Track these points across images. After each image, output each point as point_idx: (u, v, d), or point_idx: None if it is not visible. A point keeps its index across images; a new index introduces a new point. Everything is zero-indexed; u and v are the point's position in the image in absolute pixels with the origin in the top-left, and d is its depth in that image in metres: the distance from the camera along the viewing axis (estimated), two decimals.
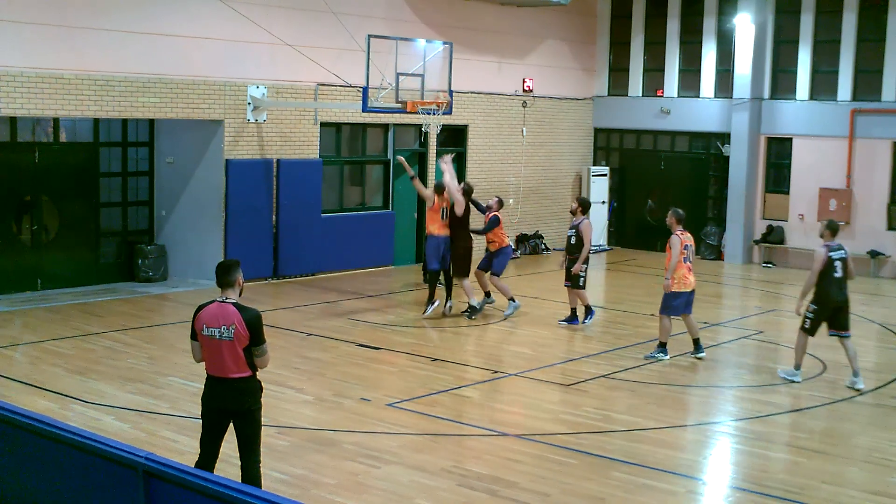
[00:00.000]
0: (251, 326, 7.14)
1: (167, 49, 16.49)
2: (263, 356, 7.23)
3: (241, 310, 7.19)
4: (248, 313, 7.18)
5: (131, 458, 5.50)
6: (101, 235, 17.84)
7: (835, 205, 21.81)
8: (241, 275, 7.34)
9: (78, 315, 15.06)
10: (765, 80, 22.91)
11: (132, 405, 10.57)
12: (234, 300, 7.25)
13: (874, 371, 13.23)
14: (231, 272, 7.29)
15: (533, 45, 23.39)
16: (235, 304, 7.22)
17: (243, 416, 7.27)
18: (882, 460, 9.68)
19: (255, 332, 7.15)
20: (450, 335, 15.19)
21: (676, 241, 13.06)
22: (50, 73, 15.15)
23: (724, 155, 23.46)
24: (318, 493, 8.27)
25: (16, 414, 6.36)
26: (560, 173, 24.55)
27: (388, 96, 16.28)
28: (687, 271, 13.11)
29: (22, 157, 16.58)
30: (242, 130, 17.70)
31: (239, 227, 17.65)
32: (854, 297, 18.78)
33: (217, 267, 7.39)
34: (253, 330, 7.14)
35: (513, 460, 9.22)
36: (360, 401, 10.99)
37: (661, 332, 13.34)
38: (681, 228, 13.25)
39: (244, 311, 7.19)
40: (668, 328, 13.28)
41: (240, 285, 7.33)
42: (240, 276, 7.33)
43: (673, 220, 13.31)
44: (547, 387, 11.87)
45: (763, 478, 9.04)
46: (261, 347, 7.18)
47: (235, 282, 7.29)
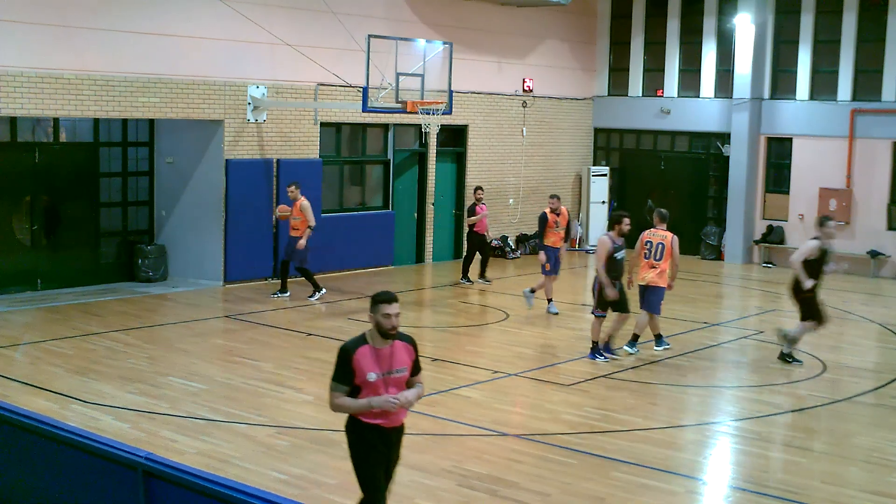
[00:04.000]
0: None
1: (167, 49, 16.49)
2: (329, 393, 6.48)
3: None
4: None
5: (131, 458, 5.50)
6: (101, 235, 17.84)
7: (835, 205, 21.81)
8: (372, 310, 6.54)
9: (78, 315, 15.06)
10: (765, 80, 22.91)
11: (132, 405, 10.57)
12: (367, 332, 6.58)
13: (874, 371, 13.23)
14: (370, 304, 6.59)
15: (533, 45, 23.39)
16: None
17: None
18: (882, 460, 9.68)
19: (334, 364, 6.48)
20: (450, 335, 15.19)
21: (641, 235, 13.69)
22: (50, 73, 15.15)
23: (724, 155, 23.46)
24: (318, 493, 8.27)
25: (16, 414, 6.36)
26: (560, 173, 24.55)
27: (388, 96, 16.29)
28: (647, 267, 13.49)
29: (22, 157, 16.58)
30: (242, 130, 17.70)
31: (239, 227, 17.65)
32: (854, 296, 18.93)
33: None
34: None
35: (513, 460, 9.22)
36: None
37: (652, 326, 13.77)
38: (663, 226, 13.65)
39: None
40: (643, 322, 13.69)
41: (370, 321, 6.55)
42: (371, 311, 6.55)
43: (656, 217, 13.78)
44: (547, 387, 11.87)
45: (763, 478, 9.04)
46: (330, 382, 6.48)
47: (369, 316, 6.56)
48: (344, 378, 6.35)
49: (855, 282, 20.67)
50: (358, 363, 6.34)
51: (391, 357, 6.45)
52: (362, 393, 6.36)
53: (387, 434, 6.51)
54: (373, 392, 6.35)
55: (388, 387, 6.39)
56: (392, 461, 6.69)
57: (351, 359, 6.35)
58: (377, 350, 6.42)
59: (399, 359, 6.49)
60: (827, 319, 13.19)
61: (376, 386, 6.36)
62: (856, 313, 17.29)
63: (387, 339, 6.46)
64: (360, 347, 6.40)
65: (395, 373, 6.44)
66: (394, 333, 6.47)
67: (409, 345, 6.62)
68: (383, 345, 6.45)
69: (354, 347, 6.39)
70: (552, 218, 16.28)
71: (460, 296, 18.06)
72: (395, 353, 6.47)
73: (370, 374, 6.35)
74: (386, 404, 6.34)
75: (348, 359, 6.35)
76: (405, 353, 6.56)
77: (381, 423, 6.46)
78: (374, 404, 6.34)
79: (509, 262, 22.23)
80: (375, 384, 6.36)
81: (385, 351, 6.44)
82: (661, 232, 13.53)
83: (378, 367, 6.38)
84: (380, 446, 6.50)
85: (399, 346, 6.54)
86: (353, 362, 6.33)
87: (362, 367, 6.34)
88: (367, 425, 6.44)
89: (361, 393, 6.36)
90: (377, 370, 6.37)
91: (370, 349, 6.41)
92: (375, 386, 6.36)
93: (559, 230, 16.32)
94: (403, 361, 6.51)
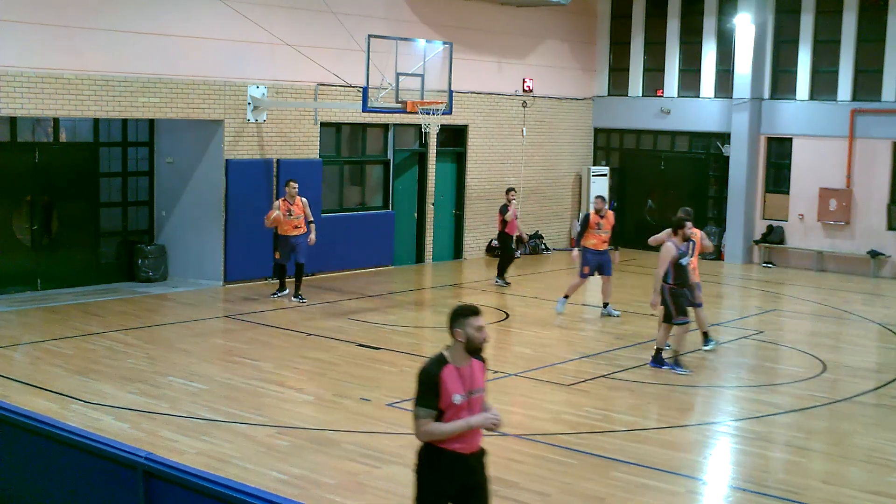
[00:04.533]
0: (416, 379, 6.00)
1: (167, 49, 16.49)
2: (415, 420, 5.92)
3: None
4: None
5: (131, 458, 5.50)
6: (101, 235, 17.84)
7: (835, 205, 21.82)
8: (458, 325, 5.94)
9: (78, 315, 15.06)
10: (765, 80, 22.91)
11: (132, 405, 10.57)
12: (446, 351, 6.05)
13: (874, 371, 13.23)
14: (449, 320, 6.01)
15: (533, 45, 23.39)
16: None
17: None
18: (882, 460, 9.68)
19: (415, 386, 5.98)
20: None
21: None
22: (50, 73, 15.15)
23: (724, 155, 23.46)
24: (318, 493, 8.27)
25: (16, 414, 6.36)
26: (560, 173, 24.55)
27: (388, 96, 16.28)
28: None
29: (22, 157, 16.57)
30: (242, 130, 17.70)
31: (239, 227, 17.65)
32: (854, 296, 18.93)
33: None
34: (415, 383, 5.99)
35: (513, 460, 9.22)
36: (360, 401, 10.99)
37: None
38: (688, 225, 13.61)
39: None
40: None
41: (457, 337, 5.96)
42: (456, 327, 5.95)
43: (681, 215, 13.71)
44: (547, 387, 11.87)
45: (763, 478, 9.04)
46: (413, 408, 5.94)
47: (452, 333, 5.98)
48: (431, 402, 5.84)
49: (855, 282, 20.68)
50: (444, 385, 5.85)
51: (471, 376, 5.99)
52: (445, 417, 5.87)
53: (465, 459, 6.02)
54: (455, 415, 5.88)
55: (469, 409, 5.94)
56: (479, 486, 6.17)
57: (438, 380, 5.84)
58: (459, 369, 5.94)
59: (478, 378, 6.05)
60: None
61: (460, 409, 5.90)
62: (856, 313, 17.29)
63: (468, 358, 5.97)
64: (444, 367, 5.89)
65: (476, 393, 6.01)
66: (483, 349, 5.99)
67: (483, 362, 6.16)
68: (464, 363, 5.96)
69: (439, 368, 5.88)
70: (594, 219, 15.94)
71: (460, 296, 18.06)
72: (474, 371, 6.03)
73: (455, 395, 5.88)
74: (486, 422, 5.94)
75: (435, 381, 5.85)
76: (481, 371, 6.11)
77: (460, 449, 5.98)
78: (473, 424, 5.91)
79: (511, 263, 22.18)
80: (460, 406, 5.90)
81: (466, 370, 5.97)
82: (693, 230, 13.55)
83: (462, 387, 5.92)
84: (457, 475, 6.02)
85: (476, 364, 6.06)
86: (439, 384, 5.84)
87: (448, 388, 5.86)
88: (448, 452, 5.94)
89: (444, 417, 5.87)
90: (461, 391, 5.91)
91: (454, 369, 5.92)
92: (459, 409, 5.90)
93: (600, 232, 15.93)
94: (480, 381, 6.08)
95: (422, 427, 5.87)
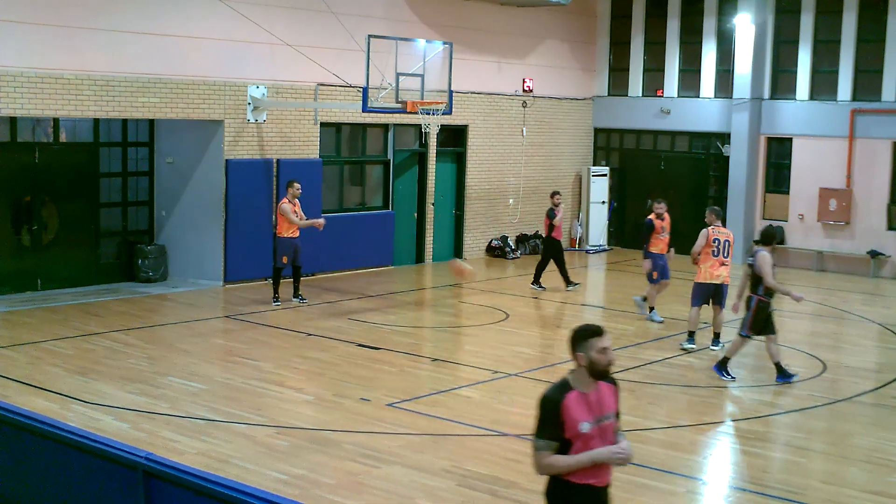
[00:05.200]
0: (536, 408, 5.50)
1: (167, 49, 16.49)
2: (534, 453, 5.46)
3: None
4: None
5: (131, 458, 5.50)
6: (101, 235, 17.84)
7: (835, 205, 21.81)
8: (579, 348, 5.48)
9: (78, 315, 15.06)
10: (765, 80, 22.91)
11: (132, 405, 10.57)
12: (569, 376, 5.57)
13: (874, 371, 13.23)
14: (570, 342, 5.57)
15: (533, 45, 23.39)
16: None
17: None
18: (882, 460, 9.68)
19: (535, 416, 5.51)
20: (450, 335, 15.21)
21: (704, 232, 13.83)
22: (50, 73, 15.15)
23: (724, 155, 23.46)
24: (318, 493, 8.27)
25: (16, 414, 6.36)
26: (560, 173, 24.55)
27: (388, 96, 16.29)
28: (717, 264, 13.73)
29: (22, 157, 16.57)
30: (242, 130, 17.70)
31: (239, 227, 17.65)
32: (854, 296, 18.93)
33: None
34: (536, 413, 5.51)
35: (513, 460, 9.22)
36: (360, 401, 10.99)
37: (689, 323, 13.98)
38: (717, 224, 13.96)
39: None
40: (694, 318, 13.94)
41: (579, 361, 5.49)
42: (578, 350, 5.48)
43: (711, 216, 14.13)
44: (547, 387, 11.84)
45: (763, 478, 9.04)
46: (532, 440, 5.50)
47: (574, 356, 5.53)
48: (553, 432, 5.36)
49: (855, 282, 20.68)
50: (568, 413, 5.35)
51: (599, 401, 5.46)
52: (573, 448, 5.36)
53: (599, 494, 5.52)
54: (584, 445, 5.36)
55: (601, 437, 5.42)
56: None
57: (559, 408, 5.35)
58: (585, 395, 5.43)
59: (607, 402, 5.50)
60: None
61: (590, 437, 5.37)
62: (856, 313, 17.29)
63: (594, 381, 5.47)
64: (567, 394, 5.41)
65: (606, 419, 5.47)
66: (610, 371, 5.51)
67: (614, 385, 5.59)
68: (590, 388, 5.46)
69: (561, 394, 5.41)
70: (659, 224, 15.72)
71: (460, 296, 18.07)
72: (602, 396, 5.49)
73: (582, 423, 5.36)
74: (612, 456, 5.39)
75: (556, 409, 5.37)
76: (611, 395, 5.55)
77: (593, 483, 5.44)
78: (596, 458, 5.37)
79: (509, 262, 22.22)
80: (588, 435, 5.37)
81: (592, 395, 5.45)
82: (724, 229, 13.92)
83: (589, 414, 5.39)
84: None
85: (604, 387, 5.52)
86: (562, 412, 5.35)
87: (573, 416, 5.35)
88: (579, 487, 5.43)
89: (572, 448, 5.36)
90: (589, 418, 5.38)
91: (579, 395, 5.42)
92: (589, 437, 5.37)
93: (665, 236, 15.76)
94: (611, 405, 5.52)
95: (540, 460, 5.41)
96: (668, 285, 16.11)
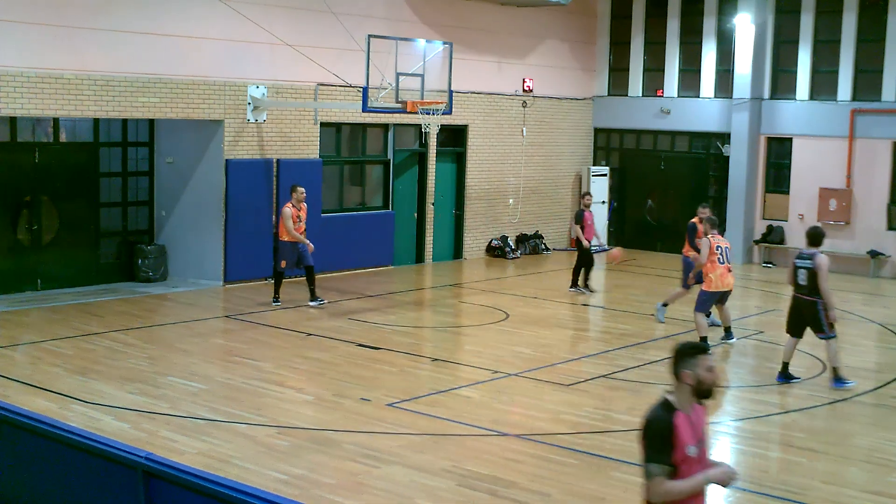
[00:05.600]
0: (641, 433, 5.22)
1: (167, 49, 16.49)
2: (648, 480, 5.13)
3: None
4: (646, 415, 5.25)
5: (131, 458, 5.50)
6: (101, 235, 17.84)
7: (835, 205, 21.81)
8: (685, 366, 5.19)
9: (78, 315, 15.06)
10: (765, 80, 22.91)
11: (132, 405, 10.57)
12: (670, 396, 5.27)
13: (874, 371, 13.23)
14: (675, 360, 5.27)
15: (533, 45, 23.39)
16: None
17: None
18: (882, 460, 9.68)
19: (641, 441, 5.21)
20: (450, 335, 15.21)
21: (706, 241, 13.97)
22: (50, 73, 15.15)
23: (724, 155, 23.46)
24: (318, 493, 8.27)
25: (16, 414, 6.36)
26: (560, 173, 24.55)
27: (388, 96, 16.28)
28: (725, 271, 13.94)
29: (22, 157, 16.57)
30: (242, 130, 17.70)
31: (239, 227, 17.65)
32: (854, 296, 18.92)
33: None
34: (641, 438, 5.22)
35: (513, 460, 9.22)
36: (360, 401, 10.99)
37: (699, 329, 13.97)
38: (714, 232, 14.10)
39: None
40: (703, 324, 14.03)
41: (684, 379, 5.19)
42: (684, 367, 5.19)
43: (706, 225, 14.25)
44: (547, 387, 11.86)
45: (763, 478, 9.04)
46: (644, 466, 5.16)
47: (679, 374, 5.22)
48: (665, 457, 5.05)
49: (855, 282, 20.67)
50: (678, 436, 5.07)
51: (699, 423, 5.22)
52: (679, 473, 5.07)
53: None
54: (688, 470, 5.08)
55: (701, 461, 5.16)
56: None
57: (672, 430, 5.07)
58: (689, 416, 5.17)
59: (702, 424, 5.29)
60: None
61: (694, 462, 5.10)
62: (856, 313, 17.28)
63: (693, 402, 5.21)
64: (676, 416, 5.12)
65: (703, 442, 5.23)
66: (713, 393, 5.24)
67: (704, 406, 5.37)
68: (690, 409, 5.20)
69: (671, 416, 5.11)
70: (702, 229, 15.15)
71: (460, 296, 18.07)
72: (699, 417, 5.27)
73: (690, 447, 5.09)
74: (725, 477, 5.15)
75: (669, 431, 5.07)
76: (704, 416, 5.34)
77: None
78: (712, 478, 5.11)
79: (509, 262, 22.22)
80: (694, 460, 5.11)
81: (694, 416, 5.19)
82: (721, 238, 14.16)
83: (693, 437, 5.13)
84: None
85: (699, 409, 5.28)
86: (674, 434, 5.06)
87: (683, 440, 5.07)
88: None
89: (678, 473, 5.08)
90: (693, 441, 5.12)
91: (684, 416, 5.15)
92: (693, 462, 5.10)
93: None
94: (705, 427, 5.33)
95: (658, 487, 5.06)
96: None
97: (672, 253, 23.60)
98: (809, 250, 12.27)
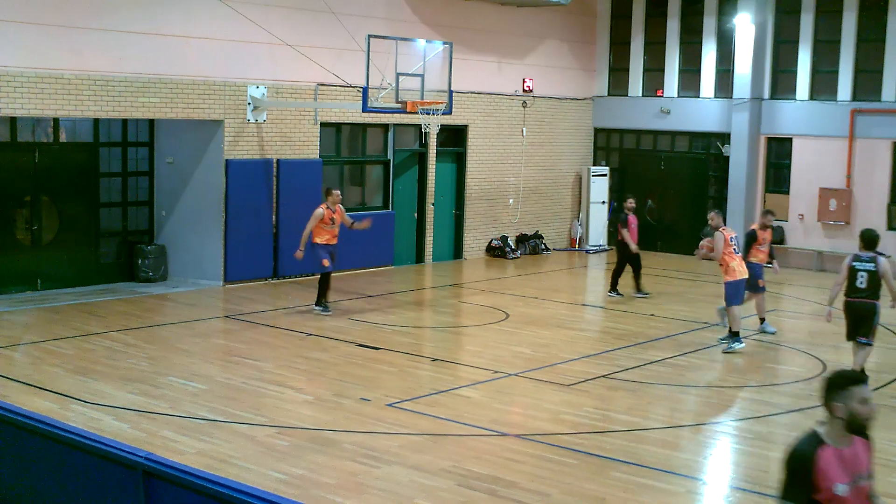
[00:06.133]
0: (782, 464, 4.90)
1: (167, 49, 16.49)
2: None
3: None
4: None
5: (131, 458, 5.50)
6: (101, 235, 17.84)
7: (835, 205, 21.81)
8: (836, 398, 4.83)
9: (78, 315, 15.06)
10: (765, 80, 22.91)
11: (132, 405, 10.57)
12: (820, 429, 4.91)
13: (874, 371, 13.22)
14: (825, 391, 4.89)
15: (533, 45, 23.39)
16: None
17: None
18: (882, 460, 9.66)
19: (781, 472, 4.89)
20: (450, 335, 15.21)
21: (720, 235, 14.14)
22: (50, 73, 15.15)
23: (724, 155, 23.46)
24: (318, 493, 8.27)
25: (16, 414, 6.36)
26: (560, 173, 24.55)
27: (388, 96, 16.29)
28: (741, 260, 14.20)
29: (22, 157, 16.58)
30: (242, 130, 17.71)
31: (239, 227, 17.65)
32: None
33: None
34: (781, 469, 4.90)
35: (513, 460, 9.22)
36: (360, 401, 10.99)
37: (733, 322, 13.97)
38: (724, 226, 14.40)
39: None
40: (737, 316, 14.04)
41: (835, 412, 4.84)
42: (834, 399, 4.84)
43: (718, 218, 14.65)
44: (547, 387, 11.87)
45: (763, 478, 9.03)
46: (778, 501, 4.90)
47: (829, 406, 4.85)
48: (801, 493, 4.74)
49: None
50: (822, 472, 4.72)
51: (855, 459, 4.84)
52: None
53: None
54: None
55: (857, 501, 4.81)
56: None
57: (812, 466, 4.72)
58: (840, 451, 4.79)
59: (863, 461, 4.88)
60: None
61: (843, 502, 4.75)
62: None
63: (849, 436, 4.85)
64: (820, 449, 4.76)
65: (861, 480, 4.84)
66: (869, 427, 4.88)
67: (869, 442, 4.96)
68: (846, 444, 4.83)
69: (814, 450, 4.75)
70: (762, 235, 15.20)
71: (460, 296, 18.07)
72: (858, 453, 4.86)
73: (838, 485, 4.73)
74: None
75: (808, 466, 4.73)
76: (866, 452, 4.92)
77: None
78: None
79: (509, 263, 22.22)
80: (845, 499, 4.75)
81: (848, 452, 4.82)
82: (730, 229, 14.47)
83: (845, 474, 4.77)
84: None
85: (860, 443, 4.89)
86: (815, 471, 4.72)
87: (828, 476, 4.72)
88: None
89: None
90: (845, 479, 4.76)
91: (834, 452, 4.78)
92: (842, 501, 4.75)
93: (765, 248, 15.29)
94: (866, 465, 4.91)
95: None
96: (753, 299, 15.30)
97: (672, 253, 23.65)
98: (867, 253, 11.99)
